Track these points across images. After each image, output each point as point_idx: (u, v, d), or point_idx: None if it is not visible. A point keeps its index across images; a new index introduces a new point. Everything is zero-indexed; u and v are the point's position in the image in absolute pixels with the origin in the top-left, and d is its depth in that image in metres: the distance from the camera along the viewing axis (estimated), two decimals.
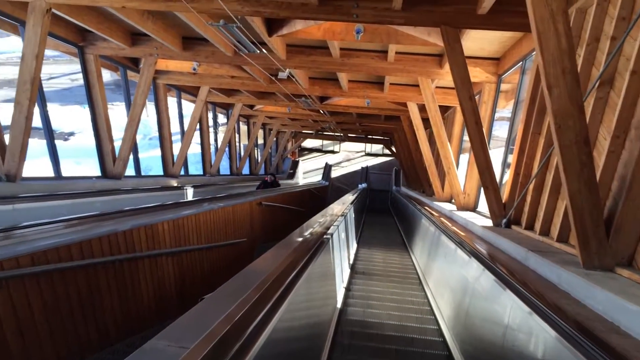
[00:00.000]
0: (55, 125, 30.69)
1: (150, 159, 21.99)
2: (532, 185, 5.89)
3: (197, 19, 7.16)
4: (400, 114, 14.93)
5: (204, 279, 8.08)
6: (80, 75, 9.53)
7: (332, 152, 34.64)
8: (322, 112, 15.93)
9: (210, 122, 17.54)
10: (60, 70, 39.21)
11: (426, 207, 12.09)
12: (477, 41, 7.61)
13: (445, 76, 8.94)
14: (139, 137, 12.83)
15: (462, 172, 10.57)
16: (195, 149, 16.67)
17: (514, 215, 6.68)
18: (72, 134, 35.04)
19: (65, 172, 9.25)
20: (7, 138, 7.25)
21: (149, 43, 9.19)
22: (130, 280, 5.70)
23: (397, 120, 17.27)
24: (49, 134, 8.72)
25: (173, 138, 13.38)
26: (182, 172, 14.98)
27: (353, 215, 11.65)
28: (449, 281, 6.58)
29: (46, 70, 35.29)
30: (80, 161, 27.37)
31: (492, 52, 8.29)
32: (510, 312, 3.73)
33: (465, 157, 13.64)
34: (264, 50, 7.53)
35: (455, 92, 6.40)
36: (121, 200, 9.42)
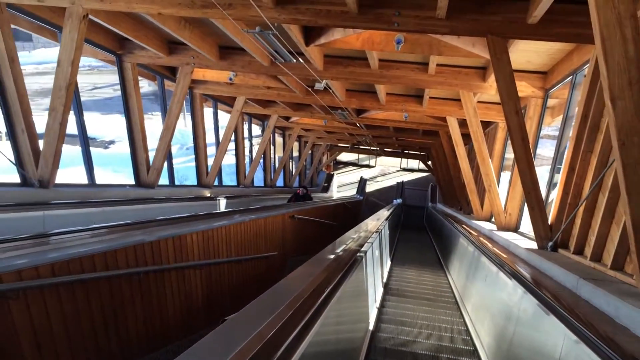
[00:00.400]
0: (96, 133, 31.31)
1: (187, 169, 22.16)
2: (583, 206, 5.47)
3: (234, 27, 7.03)
4: (438, 129, 14.54)
5: (232, 293, 7.88)
6: None
7: (368, 166, 34.30)
8: (358, 125, 15.67)
9: (246, 133, 17.50)
10: (104, 80, 40.27)
11: (464, 226, 11.65)
12: (524, 53, 7.24)
13: (489, 90, 8.57)
14: (176, 147, 12.91)
15: (503, 190, 10.13)
16: (230, 159, 16.67)
17: (561, 238, 6.25)
18: (112, 142, 35.75)
19: (104, 179, 9.28)
20: (41, 144, 7.22)
21: (186, 52, 9.13)
22: (156, 293, 5.52)
23: (435, 135, 16.85)
24: (84, 141, 8.71)
25: (210, 149, 13.36)
26: (216, 183, 14.92)
27: (387, 232, 11.30)
28: (490, 306, 6.18)
29: (91, 80, 36.28)
30: (119, 169, 27.90)
31: (539, 66, 7.90)
32: (563, 344, 3.36)
33: (506, 175, 13.17)
34: (300, 60, 7.33)
35: (501, 106, 6.06)
36: (153, 209, 9.33)
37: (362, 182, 30.68)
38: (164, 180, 11.51)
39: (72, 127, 8.70)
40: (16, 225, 5.93)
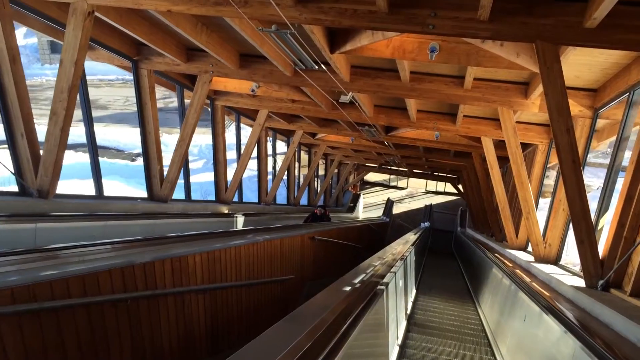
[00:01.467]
0: (124, 146, 31.19)
1: (211, 184, 21.75)
2: None
3: (254, 32, 6.45)
4: (471, 150, 13.72)
5: (241, 320, 7.20)
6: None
7: (395, 187, 33.46)
8: (386, 144, 14.97)
9: (270, 149, 16.96)
10: (119, 93, 40.58)
11: (496, 254, 10.78)
12: (573, 67, 6.48)
13: (530, 107, 7.80)
14: (202, 162, 12.49)
15: (541, 218, 9.28)
16: (254, 175, 16.13)
17: (614, 277, 5.43)
18: (139, 155, 35.75)
19: (124, 192, 8.84)
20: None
21: (205, 59, 8.62)
22: (148, 322, 4.87)
23: (468, 157, 16.01)
24: (93, 151, 8.22)
25: (234, 164, 12.83)
26: (236, 199, 14.35)
27: (413, 258, 10.50)
28: (531, 352, 5.35)
29: (123, 93, 36.47)
30: (144, 182, 27.72)
31: (589, 82, 7.10)
32: None
33: (543, 203, 12.25)
34: (323, 67, 6.70)
35: (541, 127, 5.32)
36: (162, 225, 8.77)
37: (389, 204, 29.82)
38: (180, 194, 11.00)
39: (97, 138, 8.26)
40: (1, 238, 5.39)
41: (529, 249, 11.04)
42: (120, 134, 35.51)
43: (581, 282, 6.02)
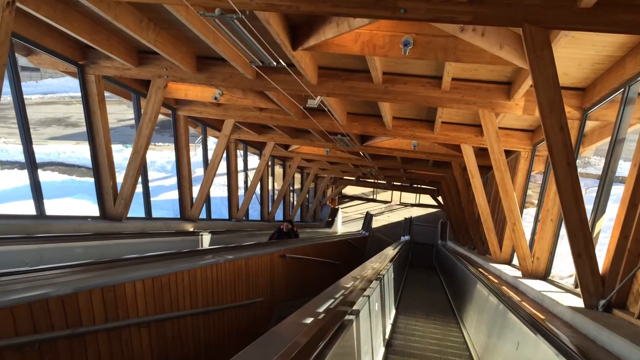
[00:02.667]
0: (84, 162, 29.91)
1: None
2: None
3: (204, 25, 5.71)
4: (451, 159, 13.09)
5: (198, 353, 6.35)
6: (130, 116, 8.41)
7: (374, 200, 32.80)
8: (362, 154, 14.28)
9: (241, 163, 16.16)
10: (110, 109, 39.60)
11: (480, 270, 10.10)
12: (562, 63, 5.83)
13: (514, 109, 7.16)
14: (175, 178, 11.74)
15: (526, 229, 8.64)
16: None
17: (617, 296, 4.76)
18: None
19: (83, 211, 8.05)
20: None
21: (158, 62, 7.84)
22: None
23: (447, 167, 15.42)
24: (32, 169, 7.33)
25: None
26: (204, 216, 13.50)
27: (392, 276, 9.76)
28: None
29: (76, 110, 35.33)
30: None
31: (577, 80, 6.49)
32: None
33: (527, 212, 11.64)
34: (285, 65, 5.96)
35: (524, 133, 4.67)
36: (113, 247, 7.89)
37: (368, 218, 29.13)
38: (139, 212, 10.15)
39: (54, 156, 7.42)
40: None
41: (515, 262, 10.41)
42: (82, 151, 34.44)
43: (578, 302, 5.34)
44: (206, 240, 11.20)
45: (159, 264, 5.73)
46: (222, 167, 13.31)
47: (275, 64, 5.84)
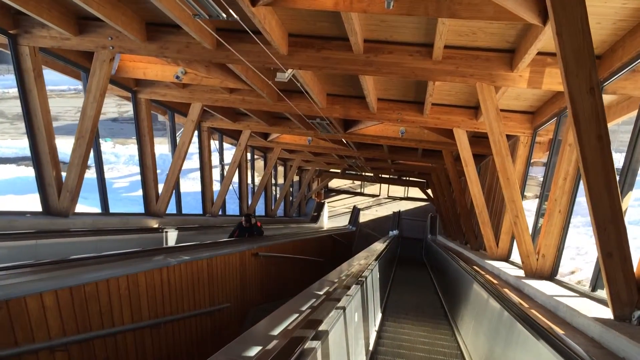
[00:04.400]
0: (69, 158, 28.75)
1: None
2: None
3: None
4: (442, 147, 12.06)
5: None
6: (111, 109, 7.22)
7: (362, 194, 31.78)
8: (346, 143, 13.20)
9: (219, 154, 15.03)
10: (70, 104, 38.31)
11: (475, 267, 9.11)
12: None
13: (518, 82, 6.12)
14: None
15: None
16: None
17: None
18: (89, 167, 33.52)
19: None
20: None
21: (101, 30, 6.70)
22: None
23: (437, 156, 14.39)
24: None
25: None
26: (174, 211, 12.37)
27: (378, 275, 8.72)
28: None
29: (75, 103, 34.17)
30: (87, 196, 25.33)
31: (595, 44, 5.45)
32: None
33: (530, 204, 10.63)
34: (235, 16, 4.82)
35: (523, 115, 3.62)
36: (54, 246, 6.75)
37: (355, 212, 28.11)
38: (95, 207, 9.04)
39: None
40: None
41: (514, 259, 9.43)
42: (69, 146, 33.15)
43: (603, 311, 4.33)
44: (172, 237, 10.09)
45: (88, 268, 4.63)
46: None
47: (224, 16, 4.72)
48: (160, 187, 10.60)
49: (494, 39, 5.82)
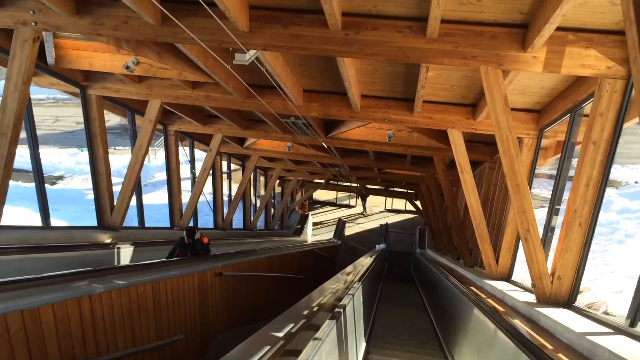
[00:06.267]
0: (46, 168, 27.49)
1: (150, 208, 18.15)
2: None
3: None
4: (433, 154, 10.91)
5: None
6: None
7: (347, 206, 30.60)
8: (327, 148, 12.00)
9: (189, 162, 13.77)
10: (68, 112, 36.95)
11: (473, 288, 7.94)
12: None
13: (531, 65, 4.97)
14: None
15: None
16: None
17: None
18: (60, 177, 32.20)
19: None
20: None
21: (20, 3, 5.46)
22: None
23: (428, 164, 13.26)
24: None
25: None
26: (135, 224, 11.09)
27: (361, 299, 7.47)
28: None
29: (53, 112, 32.89)
30: (59, 208, 23.86)
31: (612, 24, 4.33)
32: None
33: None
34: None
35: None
36: None
37: (341, 225, 26.87)
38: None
39: None
40: None
41: (516, 279, 8.28)
42: (43, 156, 31.79)
43: None
44: (126, 255, 8.79)
45: None
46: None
47: None
48: (156, 196, 9.31)
49: (504, 10, 4.67)
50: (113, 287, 4.91)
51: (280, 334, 3.48)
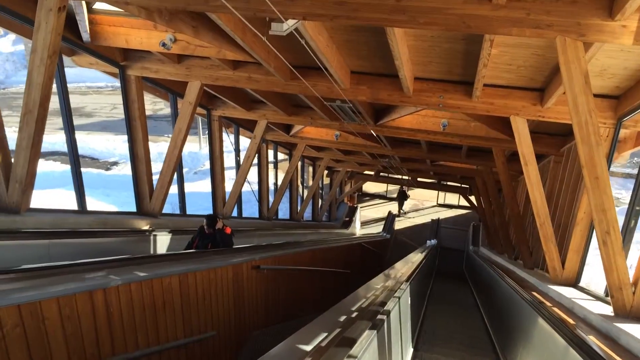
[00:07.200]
0: (99, 154, 28.25)
1: (194, 195, 18.08)
2: None
3: None
4: (492, 145, 10.04)
5: None
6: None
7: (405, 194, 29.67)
8: (376, 136, 11.31)
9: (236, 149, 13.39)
10: (107, 100, 37.82)
11: (535, 294, 7.11)
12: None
13: (618, 35, 4.15)
14: (184, 170, 9.39)
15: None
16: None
17: None
18: (115, 163, 32.87)
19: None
20: None
21: None
22: None
23: (485, 156, 12.36)
24: None
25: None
26: (178, 211, 10.81)
27: (409, 301, 6.79)
28: None
29: (110, 100, 33.77)
30: (110, 193, 24.25)
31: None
32: None
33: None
34: None
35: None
36: None
37: (390, 218, 26.01)
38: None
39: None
40: None
41: (583, 284, 7.42)
42: (99, 142, 32.77)
43: None
44: (164, 242, 8.45)
45: None
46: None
47: None
48: (205, 184, 8.93)
49: None
50: (133, 279, 4.47)
51: (308, 348, 2.90)
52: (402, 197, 27.10)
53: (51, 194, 20.05)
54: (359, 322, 3.63)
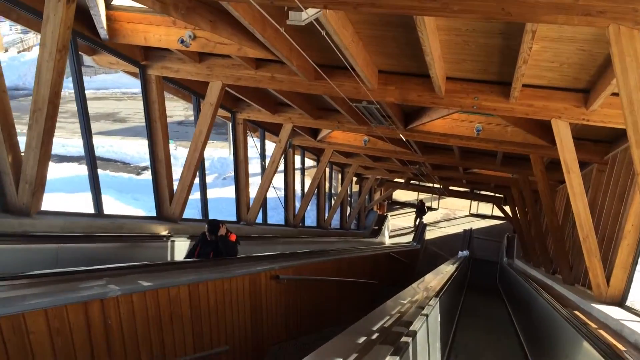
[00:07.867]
0: (130, 158, 28.49)
1: (221, 201, 17.91)
2: None
3: None
4: (530, 152, 9.44)
5: None
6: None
7: (429, 208, 28.96)
8: (406, 142, 10.81)
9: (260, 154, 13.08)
10: (141, 107, 38.37)
11: (577, 313, 6.52)
12: None
13: None
14: (212, 176, 9.11)
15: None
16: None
17: None
18: (146, 168, 33.11)
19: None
20: None
21: None
22: None
23: (522, 164, 11.72)
24: None
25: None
26: (198, 216, 10.51)
27: (438, 318, 6.28)
28: None
29: (125, 105, 33.89)
30: (140, 197, 24.32)
31: None
32: None
33: None
34: None
35: None
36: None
37: (421, 227, 25.35)
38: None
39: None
40: None
41: (631, 303, 6.78)
42: (132, 147, 33.22)
43: None
44: (181, 249, 8.13)
45: None
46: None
47: None
48: (228, 191, 8.67)
49: None
50: (135, 289, 4.12)
51: None
52: (420, 212, 26.34)
53: (79, 197, 20.21)
54: (379, 346, 3.18)
